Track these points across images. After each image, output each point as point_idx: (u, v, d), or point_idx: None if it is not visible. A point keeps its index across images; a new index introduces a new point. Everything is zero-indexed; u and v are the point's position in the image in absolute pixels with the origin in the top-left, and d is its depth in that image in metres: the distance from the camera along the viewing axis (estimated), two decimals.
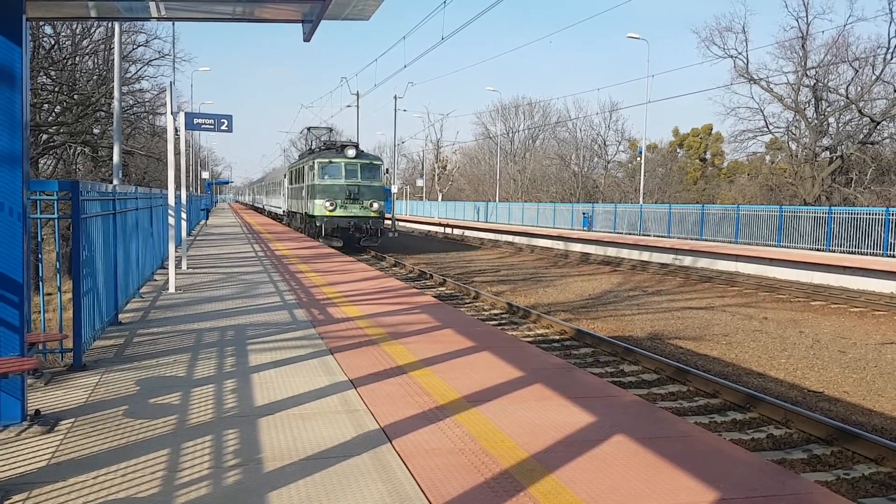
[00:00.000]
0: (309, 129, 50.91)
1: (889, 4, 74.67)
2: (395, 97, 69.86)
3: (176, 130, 17.07)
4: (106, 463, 5.15)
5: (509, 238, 52.25)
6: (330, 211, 35.25)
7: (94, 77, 38.87)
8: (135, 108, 43.79)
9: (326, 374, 7.76)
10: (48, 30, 34.46)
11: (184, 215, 24.41)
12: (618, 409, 6.59)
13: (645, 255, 36.94)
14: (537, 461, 5.27)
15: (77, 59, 38.39)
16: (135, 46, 42.26)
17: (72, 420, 6.14)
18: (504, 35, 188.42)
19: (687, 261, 33.81)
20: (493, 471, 5.09)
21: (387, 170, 48.23)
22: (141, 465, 5.12)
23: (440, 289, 23.80)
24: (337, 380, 7.54)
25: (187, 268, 18.71)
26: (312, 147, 48.27)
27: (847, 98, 53.63)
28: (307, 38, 8.96)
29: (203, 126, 17.62)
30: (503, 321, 17.55)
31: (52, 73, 35.48)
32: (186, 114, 18.29)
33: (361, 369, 7.95)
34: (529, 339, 14.99)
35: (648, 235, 42.09)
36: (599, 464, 5.23)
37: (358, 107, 59.82)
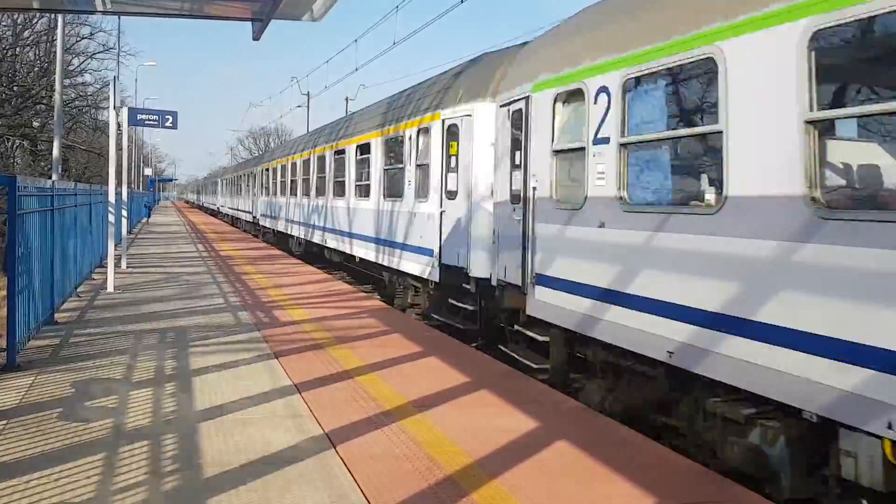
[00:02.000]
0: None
1: None
2: (347, 99, 69.48)
3: (119, 126, 16.68)
4: (39, 467, 4.99)
5: None
6: None
7: (35, 69, 37.75)
8: (77, 102, 42.61)
9: (271, 379, 7.66)
10: None
11: (124, 213, 23.83)
12: (561, 416, 6.67)
13: None
14: (481, 467, 5.29)
15: (17, 49, 37.20)
16: (78, 39, 41.14)
17: (3, 422, 5.93)
18: (457, 42, 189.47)
19: None
20: (438, 477, 5.09)
21: None
22: (76, 469, 4.98)
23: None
24: (281, 384, 7.45)
25: (127, 267, 18.28)
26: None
27: None
28: (256, 37, 8.86)
29: (147, 122, 17.29)
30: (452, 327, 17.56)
31: None
32: (130, 109, 17.92)
33: (307, 373, 7.87)
34: (477, 345, 15.04)
35: None
36: (541, 469, 5.28)
37: (308, 107, 59.30)
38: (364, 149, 17.15)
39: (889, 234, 4.41)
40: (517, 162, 9.64)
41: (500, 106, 10.28)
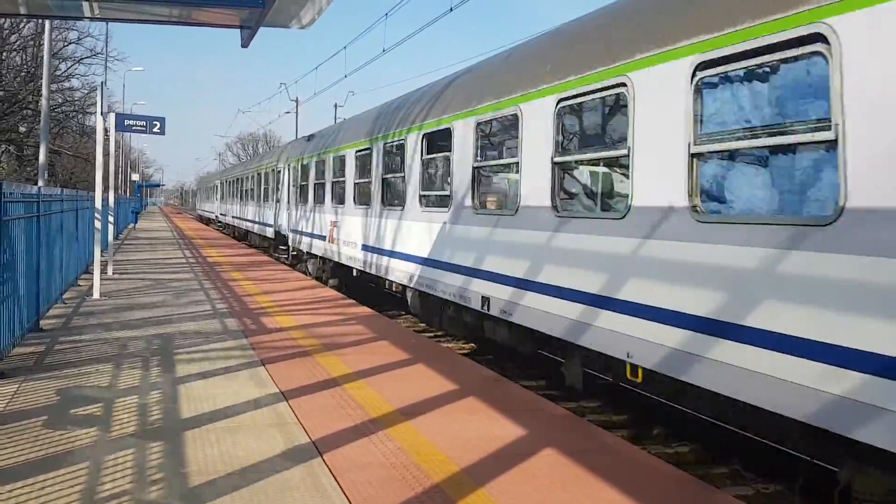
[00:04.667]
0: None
1: None
2: (336, 105, 69.55)
3: (106, 131, 16.61)
4: (22, 476, 4.95)
5: None
6: None
7: (22, 73, 37.56)
8: (63, 107, 42.44)
9: (257, 386, 7.64)
10: None
11: (111, 219, 23.71)
12: (548, 422, 6.68)
13: None
14: (468, 475, 5.30)
15: (4, 54, 37.00)
16: (66, 43, 41.03)
17: None
18: (445, 48, 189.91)
19: None
20: (425, 485, 5.10)
21: None
22: (60, 478, 4.95)
23: None
24: (268, 392, 7.43)
25: (113, 273, 18.18)
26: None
27: None
28: (245, 45, 8.88)
29: (134, 128, 17.21)
30: (439, 333, 17.58)
31: None
32: (117, 114, 17.83)
33: (294, 381, 7.85)
34: (465, 352, 15.05)
35: None
36: (528, 477, 5.29)
37: (297, 113, 59.26)
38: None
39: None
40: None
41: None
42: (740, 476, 8.50)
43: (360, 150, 16.15)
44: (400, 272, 13.39)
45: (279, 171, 27.45)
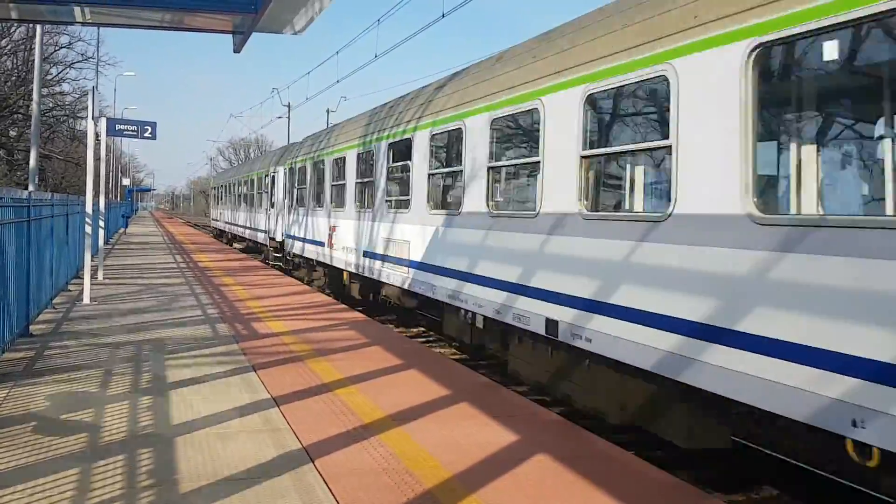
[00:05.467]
0: None
1: None
2: (328, 110, 69.40)
3: (97, 136, 16.56)
4: (12, 482, 4.92)
5: None
6: None
7: (13, 78, 37.41)
8: (54, 112, 42.30)
9: (248, 392, 7.61)
10: None
11: (101, 223, 23.61)
12: (540, 428, 6.68)
13: None
14: (460, 481, 5.29)
15: None
16: (57, 48, 40.92)
17: None
18: (437, 54, 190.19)
19: None
20: (417, 491, 5.09)
21: None
22: (49, 484, 4.92)
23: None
24: (259, 397, 7.40)
25: (104, 278, 18.10)
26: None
27: None
28: (237, 50, 8.86)
29: (125, 132, 17.16)
30: (431, 338, 17.57)
31: None
32: (109, 119, 17.77)
33: (285, 387, 7.83)
34: (457, 357, 15.04)
35: None
36: (520, 483, 5.29)
37: (289, 118, 59.18)
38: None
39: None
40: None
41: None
42: (731, 481, 8.50)
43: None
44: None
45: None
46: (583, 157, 7.64)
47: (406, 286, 12.64)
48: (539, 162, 8.44)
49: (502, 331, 9.86)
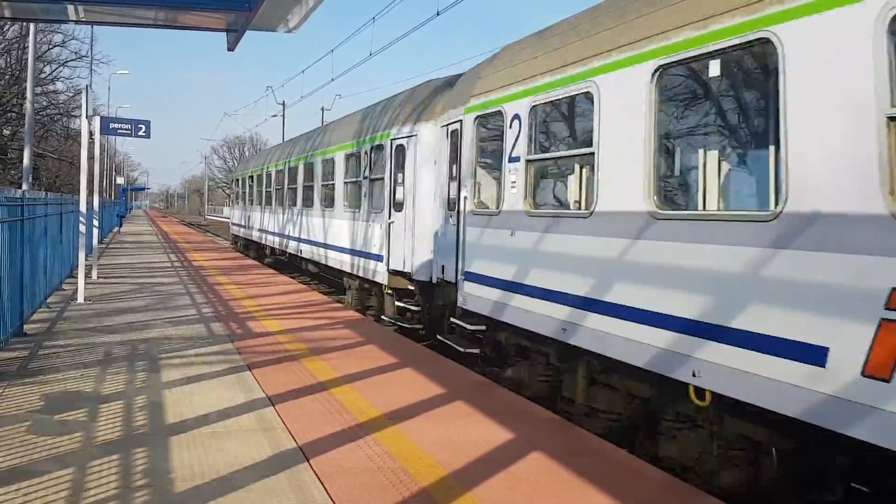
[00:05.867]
0: None
1: None
2: (323, 109, 69.29)
3: (91, 134, 16.53)
4: (6, 482, 4.90)
5: None
6: None
7: (6, 76, 37.29)
8: (48, 110, 42.18)
9: (243, 391, 7.60)
10: None
11: (95, 222, 23.55)
12: (535, 426, 6.69)
13: None
14: (456, 479, 5.30)
15: None
16: (50, 46, 40.80)
17: None
18: (432, 52, 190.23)
19: None
20: (412, 489, 5.09)
21: None
22: (44, 484, 4.90)
23: None
24: (254, 396, 7.39)
25: (98, 277, 18.05)
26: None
27: None
28: (231, 48, 8.85)
29: (119, 131, 17.12)
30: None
31: None
32: (102, 118, 17.75)
33: (280, 386, 7.82)
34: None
35: None
36: (516, 481, 5.29)
37: (284, 117, 59.07)
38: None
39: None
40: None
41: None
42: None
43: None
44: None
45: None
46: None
47: None
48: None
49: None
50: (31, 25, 21.69)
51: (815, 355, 4.75)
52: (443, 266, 11.14)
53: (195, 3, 7.85)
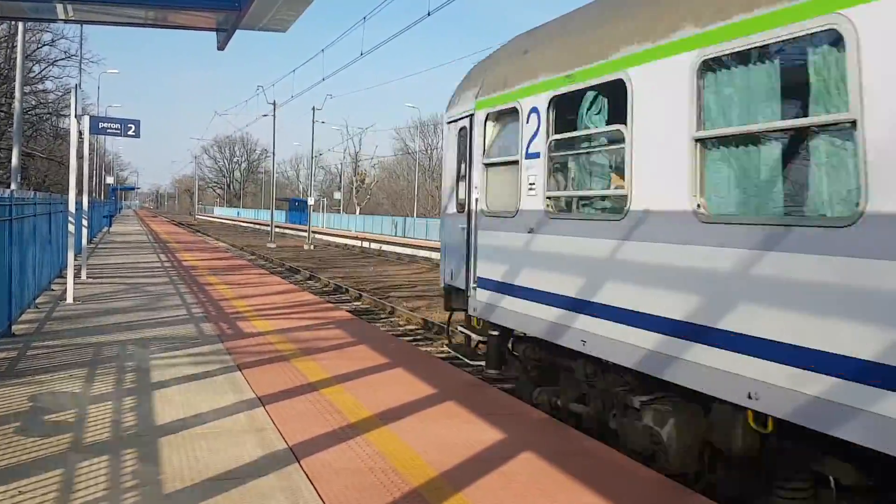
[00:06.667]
0: None
1: None
2: (314, 108, 69.15)
3: (80, 134, 16.44)
4: None
5: (426, 254, 52.38)
6: None
7: None
8: (37, 110, 41.94)
9: (233, 392, 7.57)
10: None
11: (85, 222, 23.43)
12: (526, 426, 6.69)
13: None
14: (446, 479, 5.29)
15: None
16: (39, 45, 40.58)
17: None
18: (423, 52, 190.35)
19: None
20: (403, 490, 5.07)
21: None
22: (32, 485, 4.87)
23: (355, 303, 23.58)
24: (244, 397, 7.36)
25: (87, 277, 17.96)
26: None
27: None
28: (221, 47, 8.82)
29: (109, 130, 17.03)
30: (418, 337, 17.55)
31: None
32: (92, 117, 17.67)
33: (271, 386, 7.79)
34: (444, 356, 15.04)
35: None
36: (507, 481, 5.29)
37: (274, 116, 58.95)
38: None
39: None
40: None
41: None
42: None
43: None
44: None
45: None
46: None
47: None
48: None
49: None
50: (20, 24, 21.57)
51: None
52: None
53: (185, 2, 7.82)
